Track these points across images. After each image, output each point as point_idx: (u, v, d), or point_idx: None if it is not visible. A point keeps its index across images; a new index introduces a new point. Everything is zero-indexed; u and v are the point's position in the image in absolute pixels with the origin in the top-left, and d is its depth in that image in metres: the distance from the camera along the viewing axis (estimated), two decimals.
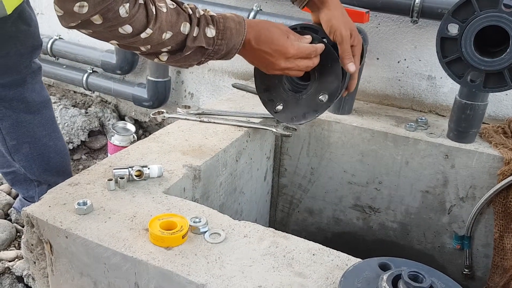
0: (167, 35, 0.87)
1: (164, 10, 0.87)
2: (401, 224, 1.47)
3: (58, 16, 0.81)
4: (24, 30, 1.28)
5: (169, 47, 0.90)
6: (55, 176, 1.44)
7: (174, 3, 0.90)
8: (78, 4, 0.77)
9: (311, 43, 1.03)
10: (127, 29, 0.83)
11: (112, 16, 0.80)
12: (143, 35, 0.85)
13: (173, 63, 0.94)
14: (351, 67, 1.04)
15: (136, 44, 0.87)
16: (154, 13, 0.85)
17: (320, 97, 1.07)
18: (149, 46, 0.88)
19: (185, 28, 0.89)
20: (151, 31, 0.85)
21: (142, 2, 0.84)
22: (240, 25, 0.95)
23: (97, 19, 0.80)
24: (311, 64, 1.02)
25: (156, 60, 0.93)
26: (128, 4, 0.81)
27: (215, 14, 0.94)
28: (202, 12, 0.93)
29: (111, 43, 0.88)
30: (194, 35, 0.90)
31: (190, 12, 0.91)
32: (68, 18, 0.80)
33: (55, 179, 1.42)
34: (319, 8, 1.07)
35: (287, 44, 0.98)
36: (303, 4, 1.10)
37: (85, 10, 0.78)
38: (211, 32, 0.92)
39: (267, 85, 1.14)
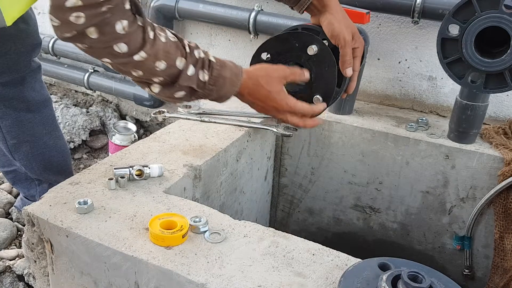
0: (161, 65, 0.87)
1: (163, 40, 0.87)
2: (401, 224, 1.47)
3: (53, 26, 0.81)
4: (23, 29, 1.28)
5: (161, 79, 0.89)
6: (56, 175, 1.45)
7: (175, 37, 0.90)
8: (74, 14, 0.76)
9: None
10: (122, 47, 0.82)
11: (108, 31, 0.80)
12: (136, 57, 0.84)
13: (163, 97, 0.94)
14: (349, 71, 1.06)
15: (128, 67, 0.86)
16: (152, 38, 0.85)
17: (315, 98, 1.08)
18: (141, 72, 0.87)
19: (180, 63, 0.89)
20: (146, 55, 0.84)
21: (141, 24, 0.84)
22: (237, 77, 0.97)
23: (92, 32, 0.79)
24: (301, 124, 1.06)
25: (147, 89, 0.93)
26: (126, 21, 0.80)
27: (214, 60, 0.94)
28: (202, 55, 0.93)
29: (103, 61, 0.87)
30: (189, 74, 0.90)
31: (188, 50, 0.91)
32: (64, 29, 0.79)
33: (56, 177, 1.43)
34: (320, 12, 1.07)
35: (282, 102, 1.01)
36: (302, 9, 1.10)
37: (82, 21, 0.77)
38: (203, 76, 0.92)
39: None
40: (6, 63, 1.27)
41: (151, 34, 0.85)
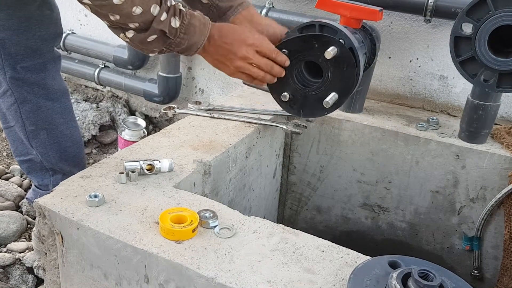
0: (137, 10, 0.91)
1: None
2: (410, 224, 1.47)
3: None
4: (48, 15, 1.33)
5: (137, 24, 0.94)
6: (70, 166, 1.46)
7: None
8: None
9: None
10: None
11: None
12: (115, 1, 0.88)
13: (137, 44, 0.98)
14: None
15: (106, 9, 0.90)
16: None
17: (330, 97, 1.08)
18: (118, 17, 0.91)
19: (154, 9, 0.93)
20: None
21: None
22: (204, 26, 1.01)
23: None
24: (268, 68, 1.06)
25: (122, 35, 0.97)
26: None
27: (184, 9, 0.99)
28: (173, 2, 0.97)
29: (83, 3, 0.91)
30: (161, 19, 0.94)
31: None
32: None
33: (70, 168, 1.45)
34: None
35: (248, 34, 1.04)
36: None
37: None
38: (175, 23, 0.96)
39: None
40: (32, 47, 1.32)
41: None
